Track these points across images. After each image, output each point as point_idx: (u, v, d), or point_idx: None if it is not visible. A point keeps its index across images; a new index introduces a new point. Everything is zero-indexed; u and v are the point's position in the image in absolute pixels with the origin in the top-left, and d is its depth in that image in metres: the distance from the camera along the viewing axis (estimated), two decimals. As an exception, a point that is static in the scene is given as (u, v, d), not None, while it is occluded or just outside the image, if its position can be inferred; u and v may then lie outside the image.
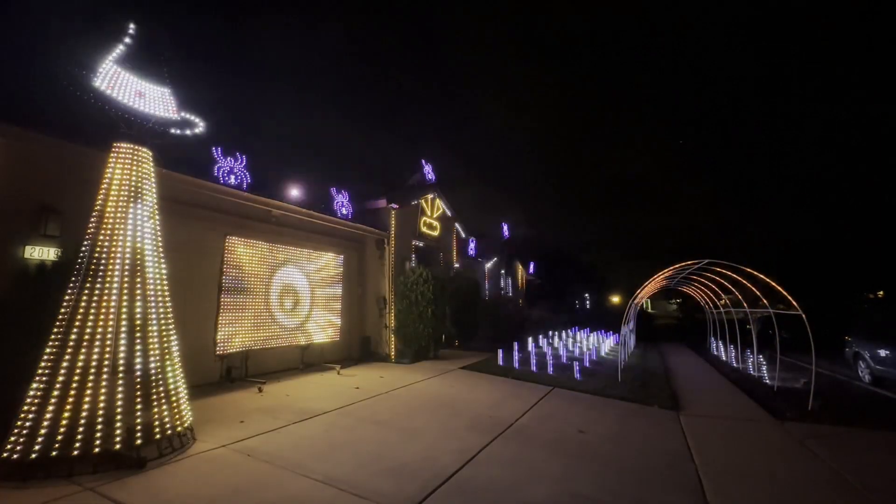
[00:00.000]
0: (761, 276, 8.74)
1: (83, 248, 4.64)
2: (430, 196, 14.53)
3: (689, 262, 10.60)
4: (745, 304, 12.02)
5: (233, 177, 8.31)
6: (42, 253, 5.60)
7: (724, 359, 14.58)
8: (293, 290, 9.64)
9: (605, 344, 16.67)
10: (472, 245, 18.27)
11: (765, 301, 10.00)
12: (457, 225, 16.57)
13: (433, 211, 14.72)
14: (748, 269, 9.20)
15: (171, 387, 4.79)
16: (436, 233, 14.81)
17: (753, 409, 7.75)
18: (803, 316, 8.00)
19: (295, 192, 9.79)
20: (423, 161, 14.45)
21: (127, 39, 4.90)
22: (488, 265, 19.96)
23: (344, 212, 11.04)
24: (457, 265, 16.36)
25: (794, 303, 8.17)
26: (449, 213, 15.79)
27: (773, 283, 8.36)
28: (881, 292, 30.22)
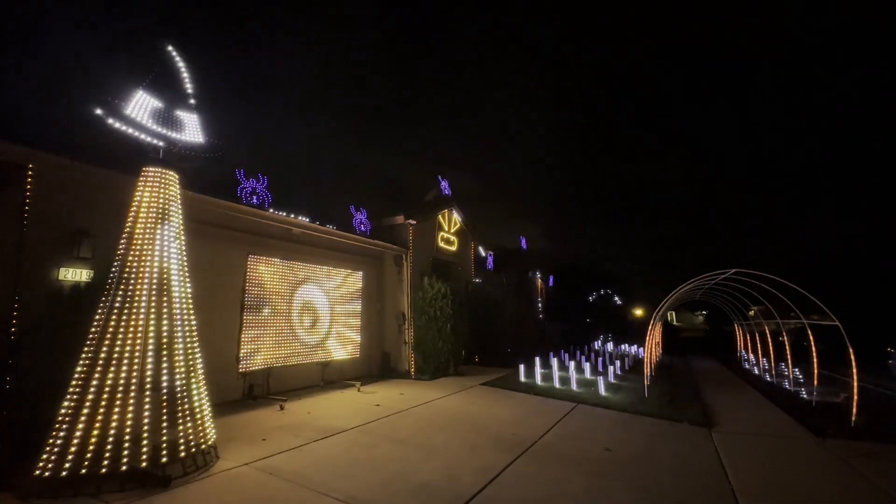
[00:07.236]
0: (792, 285, 8.40)
1: (113, 269, 4.81)
2: (446, 211, 14.59)
3: (714, 273, 10.29)
4: (776, 315, 11.57)
5: (255, 197, 8.54)
6: (75, 274, 5.81)
7: (756, 372, 14.01)
8: (313, 307, 9.74)
9: (630, 357, 16.22)
10: (490, 259, 18.18)
11: (797, 311, 9.60)
12: (474, 239, 16.55)
13: (450, 226, 14.76)
14: (778, 279, 8.86)
15: (196, 405, 4.85)
16: (453, 248, 14.82)
17: (791, 425, 7.38)
18: (840, 326, 7.64)
19: (314, 210, 9.97)
20: (440, 177, 14.56)
21: (156, 68, 5.15)
22: (507, 279, 19.79)
23: (363, 229, 11.17)
24: (475, 279, 16.28)
25: (829, 312, 7.81)
26: (466, 228, 15.80)
27: (806, 293, 8.02)
28: None
